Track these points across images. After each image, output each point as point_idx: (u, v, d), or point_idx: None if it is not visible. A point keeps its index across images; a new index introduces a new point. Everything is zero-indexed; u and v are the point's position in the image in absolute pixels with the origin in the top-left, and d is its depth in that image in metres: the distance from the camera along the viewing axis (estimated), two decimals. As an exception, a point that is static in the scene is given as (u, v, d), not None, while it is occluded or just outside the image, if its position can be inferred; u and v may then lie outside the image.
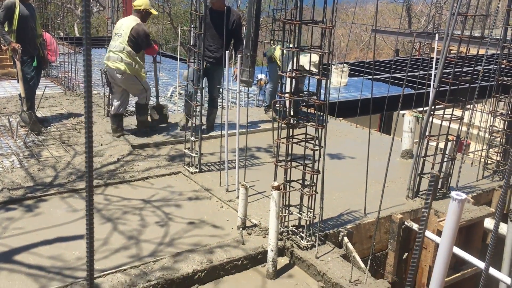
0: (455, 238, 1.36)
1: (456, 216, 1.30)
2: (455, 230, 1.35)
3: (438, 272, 1.42)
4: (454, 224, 1.30)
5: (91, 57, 1.09)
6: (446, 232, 1.34)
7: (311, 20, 3.57)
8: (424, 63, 11.30)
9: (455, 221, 1.30)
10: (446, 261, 1.41)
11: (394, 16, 35.31)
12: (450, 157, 4.76)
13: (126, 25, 6.04)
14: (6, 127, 6.45)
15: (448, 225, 1.31)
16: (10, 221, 4.00)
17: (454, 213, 1.29)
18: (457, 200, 1.33)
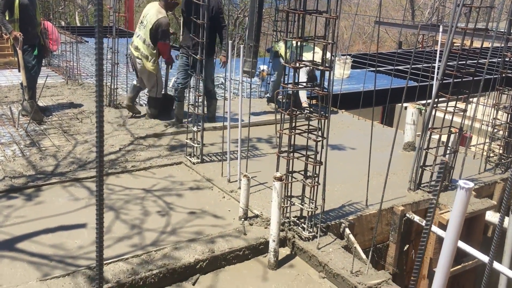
0: (461, 227, 1.35)
1: (464, 205, 1.29)
2: (462, 219, 1.34)
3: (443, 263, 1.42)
4: (461, 213, 1.30)
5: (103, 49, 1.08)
6: (453, 221, 1.33)
7: (315, 10, 3.54)
8: (427, 56, 11.25)
9: (462, 209, 1.29)
10: (452, 251, 1.40)
11: (397, 8, 35.12)
12: (453, 150, 4.75)
13: (150, 16, 6.28)
14: (8, 116, 6.44)
15: (454, 214, 1.30)
16: (12, 210, 4.01)
17: (462, 201, 1.29)
18: (465, 189, 1.32)
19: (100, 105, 1.07)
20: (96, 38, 1.11)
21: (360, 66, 11.87)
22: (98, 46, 1.02)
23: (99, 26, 1.07)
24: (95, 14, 1.06)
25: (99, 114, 1.06)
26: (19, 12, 6.16)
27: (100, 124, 1.04)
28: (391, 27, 23.19)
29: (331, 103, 3.70)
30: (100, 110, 1.04)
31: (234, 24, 24.04)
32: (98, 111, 1.05)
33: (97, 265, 1.21)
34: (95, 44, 1.23)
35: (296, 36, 3.60)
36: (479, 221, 4.73)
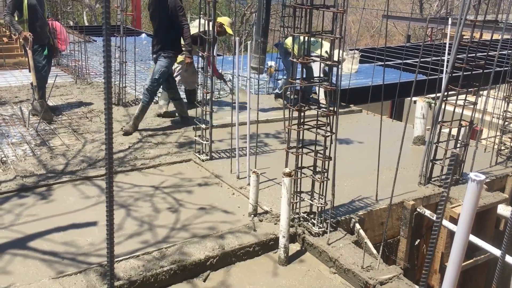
0: (473, 220, 1.34)
1: (475, 197, 1.27)
2: (474, 213, 1.32)
3: (455, 257, 1.40)
4: (472, 205, 1.28)
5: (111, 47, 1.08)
6: (464, 214, 1.31)
7: (322, 5, 3.52)
8: (436, 49, 11.16)
9: (474, 202, 1.28)
10: (463, 244, 1.39)
11: (405, 1, 34.84)
12: (463, 143, 4.71)
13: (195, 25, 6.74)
14: (18, 116, 6.49)
15: (466, 207, 1.29)
16: (23, 208, 4.04)
17: (473, 194, 1.27)
18: (476, 181, 1.30)
19: (109, 103, 1.07)
20: (104, 36, 1.11)
21: (369, 61, 11.81)
22: (106, 43, 1.02)
23: (107, 23, 1.07)
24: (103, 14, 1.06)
25: (108, 111, 1.06)
26: (28, 13, 6.19)
27: (109, 121, 1.05)
28: (399, 20, 23.03)
29: (340, 98, 3.68)
30: (108, 108, 1.04)
31: (241, 21, 24.04)
32: (107, 107, 1.05)
33: (108, 262, 1.22)
34: (103, 42, 1.23)
35: (304, 31, 3.58)
36: (491, 215, 4.69)
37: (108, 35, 1.02)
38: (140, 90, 8.12)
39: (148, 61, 11.06)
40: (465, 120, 4.62)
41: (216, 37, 5.83)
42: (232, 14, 25.07)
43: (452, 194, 4.55)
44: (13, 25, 6.25)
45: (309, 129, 3.74)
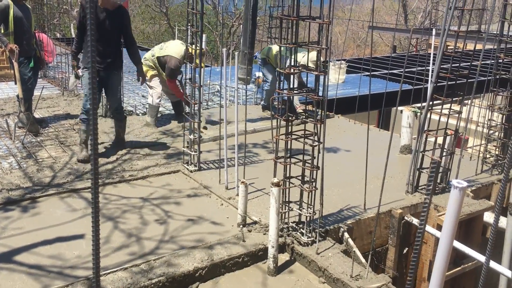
0: (456, 228, 1.36)
1: (458, 205, 1.29)
2: (457, 219, 1.34)
3: (439, 264, 1.42)
4: (455, 213, 1.30)
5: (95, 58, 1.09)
6: (447, 221, 1.33)
7: (308, 16, 3.57)
8: (421, 59, 11.31)
9: (457, 209, 1.30)
10: (447, 251, 1.41)
11: (390, 12, 35.31)
12: (449, 152, 4.76)
13: (170, 48, 6.64)
14: (4, 129, 6.43)
15: (449, 214, 1.31)
16: (9, 221, 3.99)
17: (456, 201, 1.29)
18: (458, 188, 1.32)
19: (94, 113, 1.08)
20: (90, 47, 1.12)
21: (355, 71, 11.92)
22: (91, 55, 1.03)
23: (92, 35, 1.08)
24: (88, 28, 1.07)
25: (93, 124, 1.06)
26: (13, 25, 6.17)
27: (94, 131, 1.05)
28: (385, 31, 23.33)
29: (327, 108, 3.71)
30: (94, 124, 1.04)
31: (229, 32, 24.15)
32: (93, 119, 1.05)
33: (94, 275, 1.21)
34: (88, 58, 1.23)
35: (291, 42, 3.62)
36: (478, 223, 4.74)
37: (93, 47, 1.03)
38: (128, 102, 8.11)
39: (135, 72, 11.03)
40: (450, 129, 4.68)
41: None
42: (220, 25, 25.18)
43: (438, 202, 4.59)
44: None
45: (297, 139, 3.76)
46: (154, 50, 6.80)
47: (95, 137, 1.05)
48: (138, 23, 29.10)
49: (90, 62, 1.04)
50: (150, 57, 6.75)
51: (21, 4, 6.33)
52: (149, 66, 6.73)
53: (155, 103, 6.68)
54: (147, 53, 6.89)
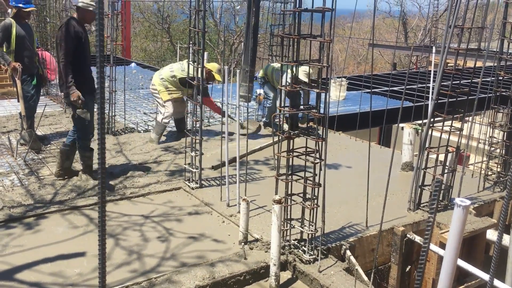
0: (460, 246, 1.35)
1: (461, 223, 1.29)
2: (460, 237, 1.34)
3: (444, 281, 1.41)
4: (459, 230, 1.30)
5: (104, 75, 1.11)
6: (451, 239, 1.33)
7: (309, 35, 3.60)
8: (422, 76, 11.37)
9: (460, 228, 1.29)
10: (451, 269, 1.40)
11: (391, 30, 35.62)
12: (451, 169, 4.76)
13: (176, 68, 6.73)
14: (6, 146, 6.45)
15: (453, 232, 1.31)
16: (10, 239, 3.98)
17: (459, 219, 1.29)
18: (462, 207, 1.32)
19: (102, 133, 1.09)
20: (98, 64, 1.14)
21: (356, 88, 11.98)
22: (100, 72, 1.04)
23: (101, 56, 1.09)
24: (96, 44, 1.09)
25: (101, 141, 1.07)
26: (15, 44, 6.24)
27: (102, 148, 1.06)
28: (385, 49, 23.50)
29: (328, 125, 3.72)
30: (102, 137, 1.06)
31: (230, 50, 24.34)
32: (100, 137, 1.06)
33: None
34: (96, 73, 1.25)
35: (292, 60, 3.65)
36: (480, 240, 4.71)
37: (102, 67, 1.05)
38: (130, 119, 8.14)
39: (137, 89, 11.12)
40: (451, 146, 4.68)
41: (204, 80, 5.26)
42: (221, 42, 25.39)
43: (441, 219, 4.57)
44: (2, 56, 6.28)
45: (299, 156, 3.76)
46: (175, 72, 6.71)
47: (102, 156, 1.06)
48: (141, 40, 29.36)
49: (99, 83, 1.05)
50: (169, 79, 6.69)
51: (23, 22, 6.41)
52: (166, 88, 6.71)
53: (163, 122, 6.71)
54: (165, 74, 6.76)
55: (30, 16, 6.76)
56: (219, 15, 28.34)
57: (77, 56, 4.97)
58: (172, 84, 6.71)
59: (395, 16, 35.50)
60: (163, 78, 6.75)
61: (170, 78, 6.71)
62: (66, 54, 4.87)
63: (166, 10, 28.70)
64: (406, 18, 33.14)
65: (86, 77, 5.15)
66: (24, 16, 6.42)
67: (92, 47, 6.74)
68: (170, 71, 6.78)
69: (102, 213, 1.13)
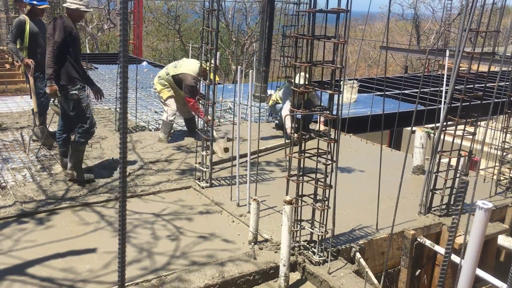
0: (481, 248, 1.34)
1: (483, 225, 1.28)
2: (481, 240, 1.33)
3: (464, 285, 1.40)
4: (480, 234, 1.29)
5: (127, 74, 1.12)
6: (472, 242, 1.32)
7: (324, 36, 3.60)
8: (434, 80, 11.31)
9: (482, 230, 1.29)
10: (472, 272, 1.39)
11: (402, 33, 35.45)
12: (463, 173, 4.73)
13: (184, 65, 6.67)
14: (19, 142, 6.51)
15: (474, 235, 1.30)
16: (22, 234, 4.02)
17: (481, 222, 1.28)
18: (484, 209, 1.32)
19: (124, 128, 1.10)
20: (121, 64, 1.15)
21: (367, 91, 11.94)
22: (123, 70, 1.05)
23: (124, 56, 1.10)
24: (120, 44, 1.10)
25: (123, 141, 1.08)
26: (28, 40, 6.30)
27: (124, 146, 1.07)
28: (397, 52, 23.38)
29: (340, 127, 3.71)
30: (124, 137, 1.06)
31: (242, 50, 24.36)
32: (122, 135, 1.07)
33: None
34: (119, 70, 1.26)
35: (305, 61, 3.65)
36: (492, 246, 4.67)
37: (126, 67, 1.06)
38: (141, 117, 8.18)
39: (148, 88, 11.17)
40: (464, 150, 4.65)
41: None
42: (233, 43, 25.44)
43: (451, 223, 4.54)
44: (15, 53, 6.35)
45: (310, 157, 3.76)
46: (168, 69, 6.85)
47: (124, 150, 1.07)
48: (152, 39, 29.49)
49: (122, 78, 1.06)
50: (165, 76, 6.81)
51: (36, 19, 6.46)
52: (163, 85, 6.79)
53: (168, 120, 6.73)
54: (161, 72, 6.95)
55: (43, 13, 6.82)
56: (230, 15, 28.37)
57: (70, 51, 4.97)
58: (168, 82, 6.77)
59: (407, 19, 35.35)
60: (160, 76, 6.85)
61: (165, 76, 6.80)
62: (53, 47, 4.85)
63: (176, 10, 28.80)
64: (419, 21, 32.99)
65: (79, 72, 5.13)
66: (38, 13, 6.48)
67: (104, 45, 6.77)
68: (166, 69, 6.89)
69: (122, 208, 1.15)
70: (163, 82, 6.79)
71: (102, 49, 27.88)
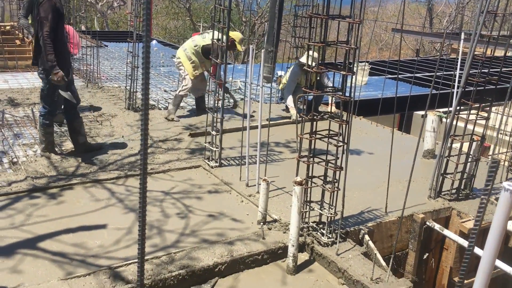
0: (504, 232, 1.32)
1: (508, 208, 1.26)
2: (506, 223, 1.31)
3: (487, 259, 1.37)
4: (505, 216, 1.27)
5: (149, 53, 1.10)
6: (495, 224, 1.30)
7: (338, 15, 3.54)
8: (448, 64, 11.16)
9: (506, 213, 1.26)
10: (493, 259, 1.37)
11: (415, 16, 34.94)
12: (474, 158, 4.69)
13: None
14: (30, 118, 6.54)
15: (498, 218, 1.28)
16: (34, 209, 4.06)
17: (505, 204, 1.26)
18: (510, 191, 1.29)
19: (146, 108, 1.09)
20: (144, 43, 1.14)
21: (377, 73, 11.82)
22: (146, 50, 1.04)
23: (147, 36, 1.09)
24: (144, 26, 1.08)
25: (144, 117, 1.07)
26: None
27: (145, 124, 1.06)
28: (410, 35, 23.07)
29: (352, 110, 3.68)
30: (145, 113, 1.06)
31: (252, 31, 24.13)
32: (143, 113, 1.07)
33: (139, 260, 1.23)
34: (143, 48, 1.24)
35: (319, 41, 3.60)
36: (500, 231, 4.65)
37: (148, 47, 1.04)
38: (150, 96, 8.17)
39: (158, 67, 11.14)
40: (476, 135, 4.61)
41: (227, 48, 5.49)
42: (242, 23, 25.20)
43: (461, 208, 4.53)
44: (27, 28, 6.33)
45: (321, 138, 3.74)
46: (196, 41, 6.78)
47: (145, 127, 1.06)
48: (162, 18, 29.30)
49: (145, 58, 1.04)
50: (192, 48, 6.74)
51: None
52: (189, 59, 6.76)
53: (180, 93, 6.81)
54: (187, 44, 6.89)
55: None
56: (241, -5, 28.01)
57: (57, 32, 4.84)
58: (195, 55, 6.75)
59: (420, 1, 34.78)
60: (186, 49, 6.83)
61: (193, 48, 6.76)
62: (49, 31, 4.71)
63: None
64: (432, 4, 32.43)
65: (65, 53, 5.02)
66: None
67: (114, 23, 6.74)
68: (192, 41, 6.86)
69: (143, 185, 1.15)
70: (189, 55, 6.76)
71: (112, 27, 27.75)
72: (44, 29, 4.73)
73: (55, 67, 4.77)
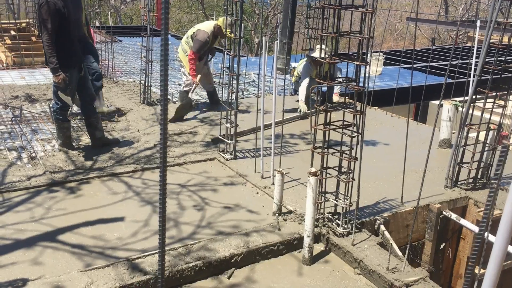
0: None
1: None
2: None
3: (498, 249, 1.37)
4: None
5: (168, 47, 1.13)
6: (508, 211, 1.29)
7: (351, 5, 3.52)
8: (463, 52, 11.01)
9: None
10: (506, 241, 1.37)
11: (430, 4, 34.44)
12: (491, 147, 4.64)
13: (200, 24, 6.87)
14: (47, 113, 6.63)
15: (510, 203, 1.27)
16: (53, 202, 4.14)
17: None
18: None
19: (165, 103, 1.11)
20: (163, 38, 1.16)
21: (392, 63, 11.72)
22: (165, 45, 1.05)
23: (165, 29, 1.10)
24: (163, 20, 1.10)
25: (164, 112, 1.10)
26: None
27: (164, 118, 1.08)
28: (425, 23, 22.76)
29: (366, 100, 3.67)
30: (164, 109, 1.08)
31: (265, 22, 24.05)
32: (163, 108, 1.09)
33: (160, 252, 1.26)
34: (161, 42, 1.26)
35: (332, 31, 3.59)
36: None
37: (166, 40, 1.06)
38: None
39: (172, 60, 11.18)
40: (493, 124, 4.56)
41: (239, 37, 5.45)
42: (255, 15, 25.12)
43: (478, 197, 4.49)
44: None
45: (335, 129, 3.73)
46: (187, 33, 6.89)
47: (165, 121, 1.08)
48: (175, 12, 29.36)
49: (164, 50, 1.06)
50: (184, 41, 6.85)
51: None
52: (184, 51, 6.81)
53: (183, 89, 6.83)
54: (182, 40, 7.00)
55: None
56: (254, -13, 27.92)
57: (62, 32, 4.78)
58: (188, 47, 6.76)
59: (435, -11, 34.23)
60: (182, 43, 6.89)
61: (185, 40, 6.81)
62: (49, 35, 4.68)
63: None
64: (447, -9, 31.89)
65: (72, 52, 4.96)
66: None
67: (127, 17, 6.80)
68: (185, 36, 6.90)
69: (163, 177, 1.18)
70: (184, 48, 6.81)
71: (125, 22, 27.90)
72: (43, 32, 4.74)
73: (57, 69, 4.80)
